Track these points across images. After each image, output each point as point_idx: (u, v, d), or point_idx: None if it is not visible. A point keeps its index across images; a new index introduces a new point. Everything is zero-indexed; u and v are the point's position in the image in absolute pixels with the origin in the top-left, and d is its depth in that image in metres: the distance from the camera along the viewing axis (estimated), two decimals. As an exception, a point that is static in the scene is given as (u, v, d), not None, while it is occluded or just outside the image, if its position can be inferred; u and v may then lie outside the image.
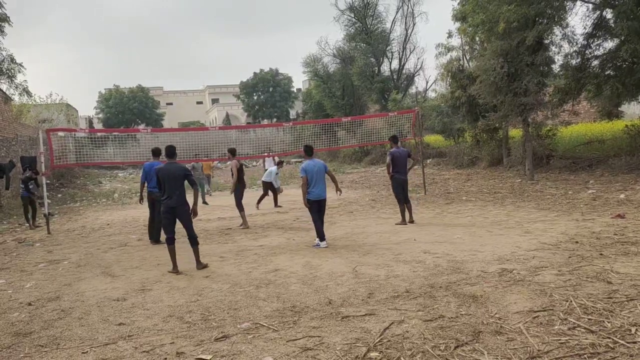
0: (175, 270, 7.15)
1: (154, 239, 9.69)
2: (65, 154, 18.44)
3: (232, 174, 11.30)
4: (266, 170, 15.49)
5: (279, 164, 15.63)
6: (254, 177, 24.87)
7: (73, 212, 16.38)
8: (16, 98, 20.10)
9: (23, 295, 6.43)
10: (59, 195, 21.14)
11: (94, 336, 4.75)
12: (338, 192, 9.10)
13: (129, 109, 57.58)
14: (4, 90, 18.39)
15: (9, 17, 16.22)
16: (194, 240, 7.37)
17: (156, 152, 9.68)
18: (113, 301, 5.89)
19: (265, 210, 13.86)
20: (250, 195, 16.42)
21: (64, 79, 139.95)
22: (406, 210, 10.32)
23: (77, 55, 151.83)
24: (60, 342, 4.65)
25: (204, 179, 17.21)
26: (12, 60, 16.60)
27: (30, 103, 26.92)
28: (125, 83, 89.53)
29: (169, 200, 7.17)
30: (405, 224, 10.14)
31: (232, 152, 11.57)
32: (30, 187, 12.92)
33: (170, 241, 7.24)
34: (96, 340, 4.63)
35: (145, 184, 9.73)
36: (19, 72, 16.79)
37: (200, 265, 7.33)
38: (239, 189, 11.23)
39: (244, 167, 11.69)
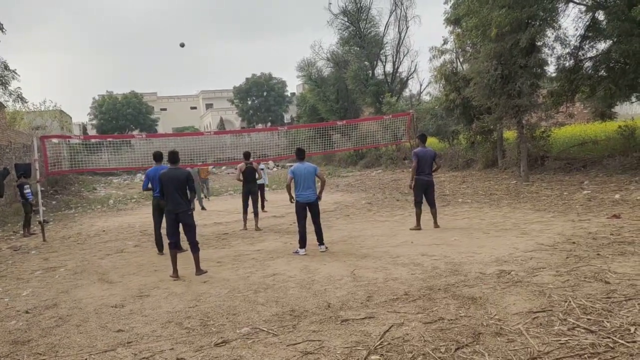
0: (175, 275, 7.14)
1: (160, 249, 9.19)
2: (59, 160, 18.34)
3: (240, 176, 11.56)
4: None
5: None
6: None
7: (68, 219, 16.29)
8: (10, 105, 20.00)
9: (20, 303, 6.38)
10: (54, 202, 21.02)
11: (92, 343, 4.72)
12: (318, 197, 8.46)
13: (123, 115, 57.33)
14: (-3, 97, 18.30)
15: (2, 25, 16.15)
16: (194, 247, 7.34)
17: (157, 157, 9.13)
18: (111, 308, 5.85)
19: (261, 215, 13.83)
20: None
21: (57, 85, 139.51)
22: (420, 215, 9.77)
23: (70, 61, 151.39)
24: (58, 350, 4.61)
25: (201, 184, 17.17)
26: (6, 67, 16.52)
27: (23, 110, 26.80)
28: (119, 89, 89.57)
29: (173, 205, 7.19)
30: (420, 229, 9.64)
31: (245, 156, 11.67)
32: (26, 192, 12.83)
33: (173, 246, 7.26)
34: (95, 348, 4.60)
35: (152, 191, 9.09)
36: (13, 78, 16.71)
37: (200, 272, 7.29)
38: (244, 191, 11.50)
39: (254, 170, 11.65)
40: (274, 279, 6.68)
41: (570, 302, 4.81)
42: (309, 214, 8.37)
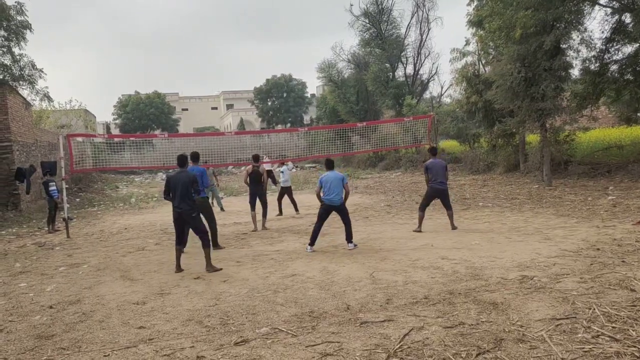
0: (178, 270, 7.53)
1: (214, 245, 9.07)
2: (83, 159, 18.67)
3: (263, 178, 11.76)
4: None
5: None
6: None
7: (91, 217, 16.58)
8: (36, 103, 20.45)
9: (44, 299, 6.51)
10: (77, 200, 21.42)
11: (115, 339, 4.79)
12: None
13: (146, 115, 58.19)
14: (25, 96, 18.71)
15: (30, 24, 16.52)
16: (204, 242, 7.53)
17: (194, 157, 9.16)
18: (133, 305, 5.94)
19: (276, 216, 13.88)
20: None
21: (82, 84, 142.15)
22: (422, 219, 10.17)
23: (94, 60, 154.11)
24: (82, 345, 4.70)
25: (215, 185, 17.15)
26: (33, 66, 16.86)
27: (49, 109, 27.36)
28: (142, 89, 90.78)
29: (177, 207, 7.48)
30: (421, 232, 9.92)
31: (254, 159, 11.88)
32: (51, 189, 13.07)
33: (178, 242, 7.67)
34: (117, 344, 4.67)
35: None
36: (40, 77, 17.05)
37: (211, 269, 7.40)
38: (250, 193, 11.69)
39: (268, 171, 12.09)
40: (293, 280, 6.70)
41: (594, 309, 4.72)
42: (336, 217, 8.76)
